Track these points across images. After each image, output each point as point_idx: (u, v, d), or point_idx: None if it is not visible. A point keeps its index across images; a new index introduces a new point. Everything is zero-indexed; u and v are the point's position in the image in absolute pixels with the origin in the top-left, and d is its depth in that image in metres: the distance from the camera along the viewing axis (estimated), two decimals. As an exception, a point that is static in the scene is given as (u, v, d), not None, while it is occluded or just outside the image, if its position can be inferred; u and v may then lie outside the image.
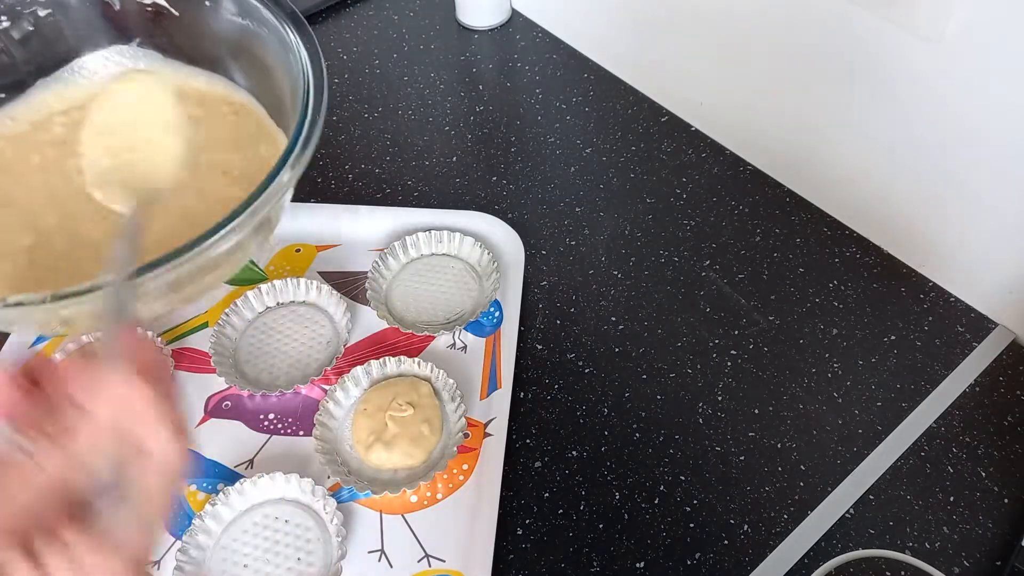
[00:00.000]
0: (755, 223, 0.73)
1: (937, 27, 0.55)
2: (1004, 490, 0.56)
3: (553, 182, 0.77)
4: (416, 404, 0.58)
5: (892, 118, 0.63)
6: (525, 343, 0.65)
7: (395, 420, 0.57)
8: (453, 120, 0.84)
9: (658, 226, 0.73)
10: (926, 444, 0.59)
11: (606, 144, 0.80)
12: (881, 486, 0.57)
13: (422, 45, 0.92)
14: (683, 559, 0.54)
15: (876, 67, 0.61)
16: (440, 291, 0.67)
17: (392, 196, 0.76)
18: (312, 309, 0.66)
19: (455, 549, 0.54)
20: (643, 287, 0.69)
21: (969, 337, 0.65)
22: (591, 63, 0.88)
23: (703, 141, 0.80)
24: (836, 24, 0.62)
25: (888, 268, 0.69)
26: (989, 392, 0.61)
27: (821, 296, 0.67)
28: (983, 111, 0.57)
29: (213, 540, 0.54)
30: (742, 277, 0.69)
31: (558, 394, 0.62)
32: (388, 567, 0.53)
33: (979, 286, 0.65)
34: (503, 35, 0.93)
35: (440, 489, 0.56)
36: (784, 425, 0.60)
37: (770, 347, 0.64)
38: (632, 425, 0.60)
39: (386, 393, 0.59)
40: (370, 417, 0.58)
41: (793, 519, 0.55)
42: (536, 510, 0.56)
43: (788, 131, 0.72)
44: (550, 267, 0.70)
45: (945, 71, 0.57)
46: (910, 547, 0.54)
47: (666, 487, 0.57)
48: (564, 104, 0.84)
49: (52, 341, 0.64)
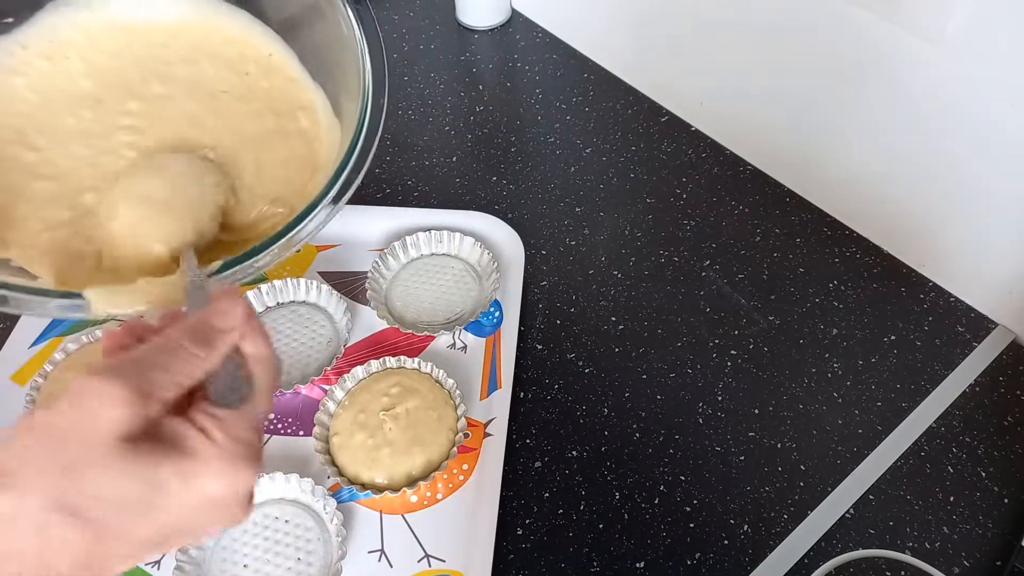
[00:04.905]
0: (755, 223, 0.73)
1: (938, 27, 0.55)
2: (1004, 490, 0.56)
3: (553, 182, 0.77)
4: (414, 391, 0.59)
5: (892, 118, 0.63)
6: (525, 343, 0.65)
7: (393, 419, 0.57)
8: (453, 120, 0.84)
9: (658, 226, 0.73)
10: (926, 444, 0.59)
11: (606, 144, 0.80)
12: (881, 486, 0.57)
13: (422, 45, 0.92)
14: (683, 559, 0.54)
15: (877, 67, 0.61)
16: (440, 291, 0.67)
17: (392, 196, 0.76)
18: (312, 309, 0.66)
19: (455, 549, 0.54)
20: (643, 287, 0.69)
21: (969, 337, 0.65)
22: (591, 63, 0.88)
23: (703, 141, 0.80)
24: (837, 24, 0.62)
25: (888, 268, 0.69)
26: (989, 392, 0.61)
27: (821, 296, 0.67)
28: (984, 111, 0.57)
29: (213, 540, 0.54)
30: (742, 277, 0.69)
31: (558, 394, 0.62)
32: (388, 567, 0.53)
33: (979, 286, 0.65)
34: (503, 35, 0.93)
35: (440, 489, 0.56)
36: (784, 425, 0.60)
37: (770, 347, 0.64)
38: (632, 425, 0.60)
39: (377, 389, 0.59)
40: (362, 427, 0.58)
41: (793, 519, 0.55)
42: (536, 510, 0.56)
43: (788, 131, 0.72)
44: (550, 267, 0.70)
45: (946, 71, 0.57)
46: (910, 547, 0.54)
47: (666, 487, 0.57)
48: (564, 104, 0.84)
49: (52, 341, 0.64)
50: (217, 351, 0.33)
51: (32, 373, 0.61)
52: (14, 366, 0.63)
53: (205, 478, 0.31)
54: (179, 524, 0.31)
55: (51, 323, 0.65)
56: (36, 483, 0.28)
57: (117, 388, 0.29)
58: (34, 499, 0.28)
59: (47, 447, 0.29)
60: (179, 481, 0.30)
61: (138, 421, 0.30)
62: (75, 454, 0.29)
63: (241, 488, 0.32)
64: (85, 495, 0.28)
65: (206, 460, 0.31)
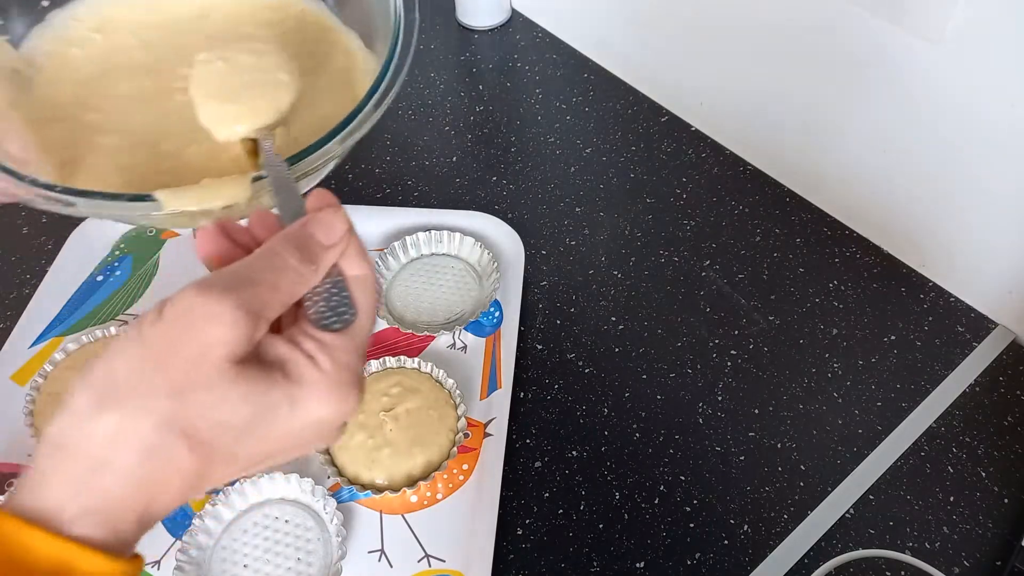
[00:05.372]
0: (755, 223, 0.73)
1: (938, 27, 0.55)
2: (1004, 490, 0.56)
3: (553, 182, 0.77)
4: (414, 392, 0.59)
5: (892, 118, 0.63)
6: (525, 343, 0.65)
7: (393, 420, 0.57)
8: (453, 120, 0.84)
9: (658, 226, 0.73)
10: (926, 444, 0.59)
11: (606, 144, 0.80)
12: (881, 486, 0.57)
13: (422, 45, 0.92)
14: (683, 559, 0.54)
15: (877, 67, 0.61)
16: (440, 291, 0.67)
17: (392, 196, 0.76)
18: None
19: (455, 549, 0.54)
20: (643, 287, 0.69)
21: (969, 337, 0.65)
22: (591, 63, 0.88)
23: (703, 141, 0.80)
24: (837, 24, 0.62)
25: (888, 268, 0.69)
26: (989, 392, 0.61)
27: (821, 296, 0.67)
28: (984, 111, 0.57)
29: (213, 540, 0.54)
30: (742, 277, 0.69)
31: (558, 394, 0.62)
32: (388, 567, 0.53)
33: (979, 286, 0.65)
34: (503, 35, 0.93)
35: (440, 489, 0.56)
36: (784, 425, 0.60)
37: (770, 347, 0.64)
38: (632, 425, 0.60)
39: (377, 389, 0.59)
40: (362, 427, 0.58)
41: (793, 519, 0.55)
42: (536, 510, 0.56)
43: (788, 131, 0.72)
44: (550, 267, 0.70)
45: (946, 71, 0.57)
46: (910, 547, 0.54)
47: (666, 487, 0.57)
48: (564, 104, 0.84)
49: (51, 341, 0.64)
50: (321, 268, 0.33)
51: (32, 373, 0.61)
52: (14, 366, 0.63)
53: (313, 404, 0.31)
54: (281, 445, 0.31)
55: (51, 323, 0.65)
56: (148, 403, 0.28)
57: (229, 308, 0.29)
58: (146, 419, 0.28)
59: (157, 365, 0.28)
60: (288, 406, 0.30)
61: (248, 342, 0.29)
62: (186, 374, 0.28)
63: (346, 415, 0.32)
64: (196, 417, 0.28)
65: (314, 387, 0.31)
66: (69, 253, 0.70)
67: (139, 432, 0.28)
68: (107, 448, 0.28)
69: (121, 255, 0.70)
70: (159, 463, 0.28)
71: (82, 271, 0.69)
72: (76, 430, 0.28)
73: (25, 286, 0.69)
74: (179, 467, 0.29)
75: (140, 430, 0.28)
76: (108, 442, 0.28)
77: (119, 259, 0.70)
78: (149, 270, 0.69)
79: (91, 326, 0.65)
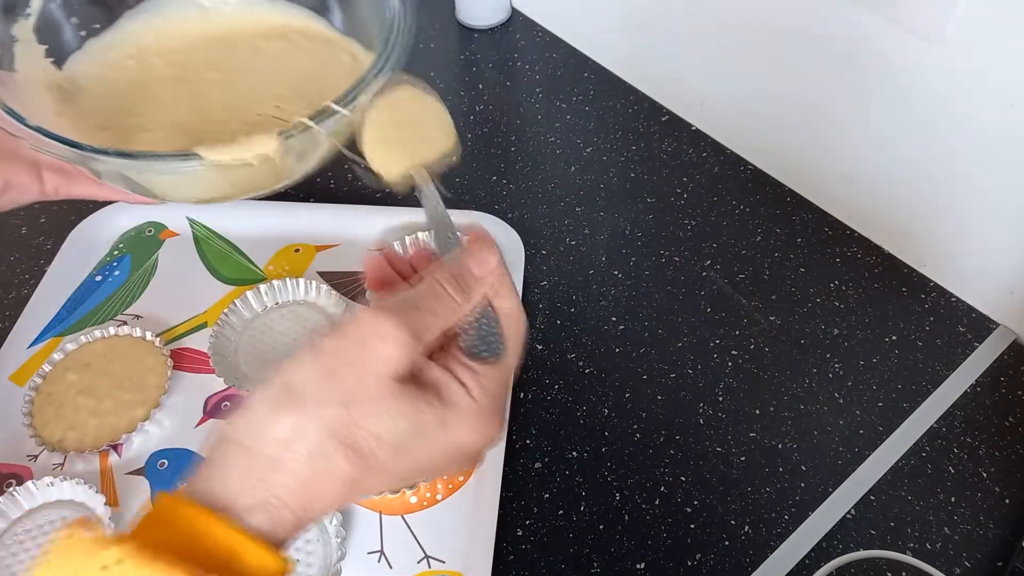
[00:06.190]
0: (756, 223, 0.73)
1: (938, 27, 0.55)
2: (1005, 491, 0.56)
3: (553, 182, 0.77)
4: None
5: (893, 118, 0.63)
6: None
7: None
8: (453, 120, 0.83)
9: (658, 226, 0.73)
10: (927, 444, 0.59)
11: (606, 144, 0.80)
12: (882, 487, 0.57)
13: (422, 44, 0.92)
14: (683, 560, 0.54)
15: (877, 67, 0.61)
16: (440, 291, 0.67)
17: (392, 196, 0.76)
18: (312, 309, 0.66)
19: (455, 550, 0.54)
20: (643, 287, 0.68)
21: (970, 337, 0.65)
22: (591, 63, 0.88)
23: (703, 141, 0.80)
24: (837, 24, 0.62)
25: (889, 268, 0.69)
26: (990, 392, 0.61)
27: (822, 296, 0.67)
28: (984, 111, 0.57)
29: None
30: (743, 277, 0.69)
31: (558, 394, 0.62)
32: (388, 568, 0.53)
33: (980, 286, 0.65)
34: (503, 35, 0.93)
35: (440, 490, 0.56)
36: (785, 426, 0.60)
37: (771, 347, 0.64)
38: (632, 426, 0.60)
39: None
40: None
41: (794, 520, 0.55)
42: (536, 511, 0.56)
43: (789, 131, 0.72)
44: (550, 267, 0.70)
45: (946, 71, 0.57)
46: (911, 548, 0.54)
47: (667, 488, 0.57)
48: (564, 104, 0.84)
49: (51, 341, 0.64)
50: (473, 299, 0.35)
51: (31, 373, 0.61)
52: (13, 366, 0.63)
53: (461, 429, 0.33)
54: (427, 464, 0.33)
55: (50, 323, 0.65)
56: (319, 411, 0.30)
57: (396, 328, 0.31)
58: (315, 425, 0.30)
59: (330, 377, 0.31)
60: (439, 428, 0.32)
61: (409, 363, 0.32)
62: (354, 387, 0.31)
63: (489, 443, 0.34)
64: (359, 428, 0.31)
65: (464, 413, 0.33)
66: (68, 253, 0.70)
67: (308, 436, 0.30)
68: (280, 448, 0.30)
69: (120, 255, 0.70)
70: (321, 467, 0.30)
71: (81, 271, 0.69)
72: (253, 429, 0.30)
73: (24, 286, 0.69)
74: (337, 474, 0.30)
75: (309, 434, 0.30)
76: (281, 443, 0.30)
77: (118, 259, 0.70)
78: (148, 270, 0.69)
79: (90, 326, 0.65)
